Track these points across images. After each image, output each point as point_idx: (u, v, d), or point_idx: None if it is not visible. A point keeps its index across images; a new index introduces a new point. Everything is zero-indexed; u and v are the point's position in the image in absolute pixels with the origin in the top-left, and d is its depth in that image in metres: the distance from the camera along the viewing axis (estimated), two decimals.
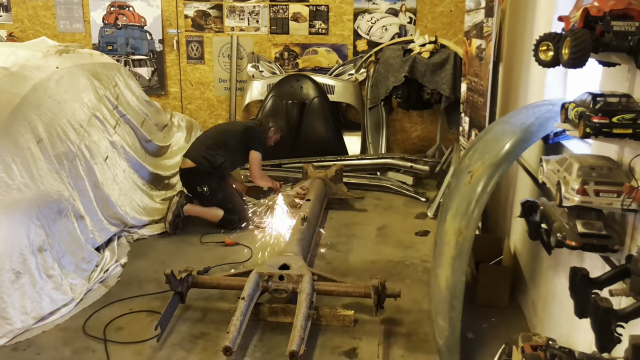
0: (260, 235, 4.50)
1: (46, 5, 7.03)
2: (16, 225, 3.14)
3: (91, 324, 3.25)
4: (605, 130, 1.78)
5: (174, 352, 2.98)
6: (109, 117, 4.59)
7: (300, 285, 3.18)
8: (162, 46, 6.91)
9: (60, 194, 3.62)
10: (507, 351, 2.42)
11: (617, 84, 2.11)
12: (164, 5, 6.77)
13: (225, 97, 6.95)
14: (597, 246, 1.96)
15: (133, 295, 3.56)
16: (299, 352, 2.69)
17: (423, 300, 3.52)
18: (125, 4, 6.87)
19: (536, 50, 2.09)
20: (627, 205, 1.81)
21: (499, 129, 3.11)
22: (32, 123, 3.72)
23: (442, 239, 2.98)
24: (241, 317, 2.91)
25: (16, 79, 3.90)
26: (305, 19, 6.63)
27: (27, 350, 2.99)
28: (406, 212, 5.17)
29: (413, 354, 2.98)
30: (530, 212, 2.40)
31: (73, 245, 3.62)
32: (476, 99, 4.39)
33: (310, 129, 6.28)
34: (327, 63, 6.71)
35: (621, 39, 1.75)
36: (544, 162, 2.32)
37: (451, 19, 6.42)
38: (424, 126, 6.77)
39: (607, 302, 1.62)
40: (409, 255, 4.21)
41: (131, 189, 4.62)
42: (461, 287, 2.68)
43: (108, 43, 6.97)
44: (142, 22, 6.90)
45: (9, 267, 3.04)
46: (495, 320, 3.28)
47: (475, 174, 2.81)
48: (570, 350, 1.84)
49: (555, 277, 2.79)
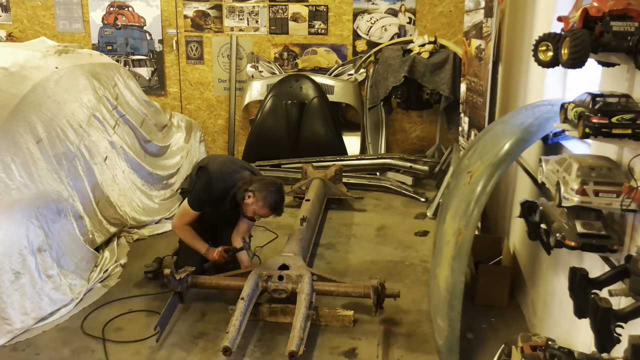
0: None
1: (45, 6, 7.00)
2: (15, 225, 3.14)
3: (90, 324, 3.25)
4: (604, 130, 1.78)
5: (173, 352, 2.98)
6: (108, 117, 4.59)
7: (299, 285, 3.18)
8: (162, 46, 6.89)
9: (60, 194, 3.62)
10: (506, 351, 2.42)
11: (617, 84, 2.11)
12: (164, 6, 6.76)
13: (225, 97, 6.95)
14: (597, 246, 1.96)
15: (132, 296, 3.56)
16: (298, 352, 2.69)
17: (422, 300, 3.52)
18: (125, 4, 6.84)
19: (535, 50, 2.09)
20: (627, 205, 1.81)
21: (498, 129, 3.11)
22: (31, 123, 3.72)
23: (442, 239, 2.98)
24: (240, 317, 2.92)
25: (15, 79, 3.90)
26: (305, 19, 6.63)
27: (27, 350, 2.99)
28: (405, 212, 5.17)
29: (412, 354, 2.98)
30: (530, 212, 2.40)
31: (72, 246, 3.62)
32: (475, 99, 4.39)
33: (310, 129, 6.28)
34: (327, 63, 6.71)
35: (620, 39, 1.75)
36: (543, 162, 2.32)
37: (450, 19, 6.42)
38: (424, 126, 6.77)
39: (607, 302, 1.62)
40: (408, 255, 4.21)
41: (130, 190, 4.62)
42: (460, 288, 2.68)
43: (108, 43, 6.92)
44: (142, 22, 6.86)
45: (8, 268, 3.03)
46: (495, 320, 3.28)
47: (475, 174, 2.81)
48: (570, 350, 1.84)
49: (555, 277, 2.80)
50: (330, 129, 6.30)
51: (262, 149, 6.28)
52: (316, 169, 5.42)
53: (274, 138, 6.26)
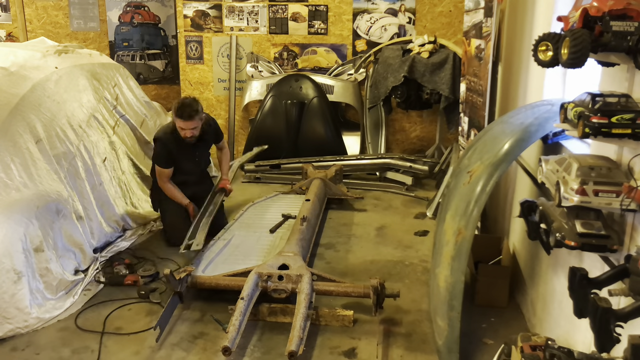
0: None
1: (58, 6, 7.50)
2: (15, 225, 3.14)
3: (90, 324, 3.25)
4: (604, 130, 1.78)
5: (173, 352, 2.98)
6: (108, 117, 4.59)
7: (299, 285, 3.18)
8: (176, 41, 7.37)
9: (59, 194, 3.62)
10: (506, 351, 2.42)
11: (616, 84, 2.11)
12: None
13: (225, 97, 6.95)
14: (596, 246, 1.96)
15: (132, 296, 3.55)
16: (298, 352, 2.69)
17: (422, 300, 3.52)
18: (141, 4, 7.44)
19: (535, 50, 2.09)
20: (626, 205, 1.81)
21: (498, 129, 3.11)
22: (30, 123, 3.72)
23: (441, 239, 2.99)
24: (240, 317, 2.91)
25: (15, 79, 3.89)
26: (305, 19, 6.63)
27: (26, 350, 2.99)
28: (405, 212, 5.17)
29: (412, 354, 2.98)
30: (530, 212, 2.40)
31: (72, 245, 3.62)
32: (475, 99, 4.39)
33: (310, 129, 6.28)
34: (327, 63, 6.71)
35: (620, 39, 1.75)
36: (543, 162, 2.32)
37: (450, 19, 6.42)
38: (423, 126, 6.77)
39: (606, 302, 1.62)
40: (408, 255, 4.21)
41: (130, 190, 4.62)
42: (460, 287, 2.68)
43: (124, 40, 7.59)
44: (157, 20, 7.57)
45: (9, 267, 3.03)
46: (495, 320, 3.28)
47: (475, 174, 2.81)
48: (570, 350, 1.84)
49: (555, 277, 2.80)
50: (330, 128, 6.30)
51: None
52: (316, 169, 5.42)
53: (274, 138, 6.26)
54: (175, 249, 4.12)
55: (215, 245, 3.95)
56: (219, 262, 3.72)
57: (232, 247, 3.97)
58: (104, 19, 7.53)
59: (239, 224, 4.44)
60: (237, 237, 4.13)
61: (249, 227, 4.38)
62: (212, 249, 3.88)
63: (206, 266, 3.63)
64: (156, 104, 5.67)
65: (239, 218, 4.56)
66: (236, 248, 3.96)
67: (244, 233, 4.23)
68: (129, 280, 3.66)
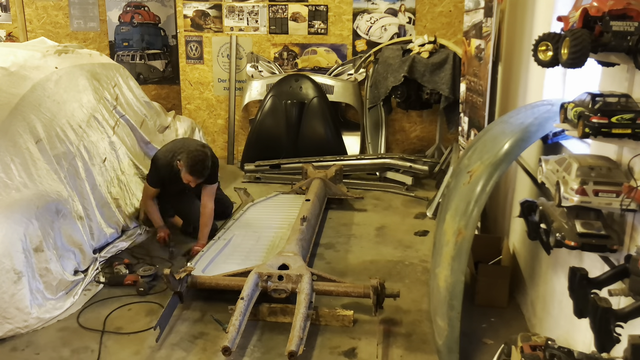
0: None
1: (58, 6, 7.53)
2: (15, 225, 3.14)
3: (90, 323, 3.25)
4: (604, 130, 1.78)
5: (173, 352, 2.98)
6: (108, 117, 4.59)
7: (299, 285, 3.18)
8: (176, 41, 7.36)
9: (59, 194, 3.62)
10: (506, 351, 2.42)
11: (616, 84, 2.11)
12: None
13: (225, 97, 6.95)
14: (596, 246, 1.96)
15: (132, 295, 3.55)
16: (298, 352, 2.69)
17: (422, 300, 3.52)
18: (141, 4, 7.45)
19: (535, 50, 2.09)
20: (626, 205, 1.81)
21: (498, 129, 3.11)
22: (30, 123, 3.72)
23: (441, 239, 2.99)
24: (240, 317, 2.91)
25: (15, 79, 3.89)
26: (305, 19, 6.63)
27: (26, 350, 2.99)
28: (405, 212, 5.17)
29: (412, 354, 2.98)
30: (530, 212, 2.40)
31: (71, 245, 3.62)
32: (475, 99, 4.39)
33: (310, 129, 6.28)
34: (327, 63, 6.71)
35: (620, 39, 1.75)
36: (543, 162, 2.32)
37: (450, 19, 6.42)
38: (423, 126, 6.77)
39: (606, 302, 1.62)
40: (408, 255, 4.21)
41: (129, 191, 4.62)
42: (460, 287, 2.68)
43: (124, 40, 7.60)
44: (157, 20, 7.58)
45: (9, 267, 3.03)
46: (495, 320, 3.28)
47: (475, 174, 2.81)
48: (570, 350, 1.84)
49: (555, 277, 2.80)
50: (330, 128, 6.30)
51: (262, 148, 6.27)
52: (316, 169, 5.42)
53: (274, 138, 6.26)
54: (176, 249, 4.21)
55: (215, 245, 3.95)
56: (219, 262, 3.73)
57: (232, 247, 3.97)
58: (104, 19, 7.57)
59: (239, 223, 4.44)
60: (237, 237, 4.14)
61: (249, 227, 4.38)
62: (212, 249, 3.88)
63: (206, 266, 3.63)
64: (156, 104, 5.67)
65: (239, 218, 4.56)
66: (236, 248, 3.97)
67: (244, 233, 4.23)
68: (129, 280, 3.66)
